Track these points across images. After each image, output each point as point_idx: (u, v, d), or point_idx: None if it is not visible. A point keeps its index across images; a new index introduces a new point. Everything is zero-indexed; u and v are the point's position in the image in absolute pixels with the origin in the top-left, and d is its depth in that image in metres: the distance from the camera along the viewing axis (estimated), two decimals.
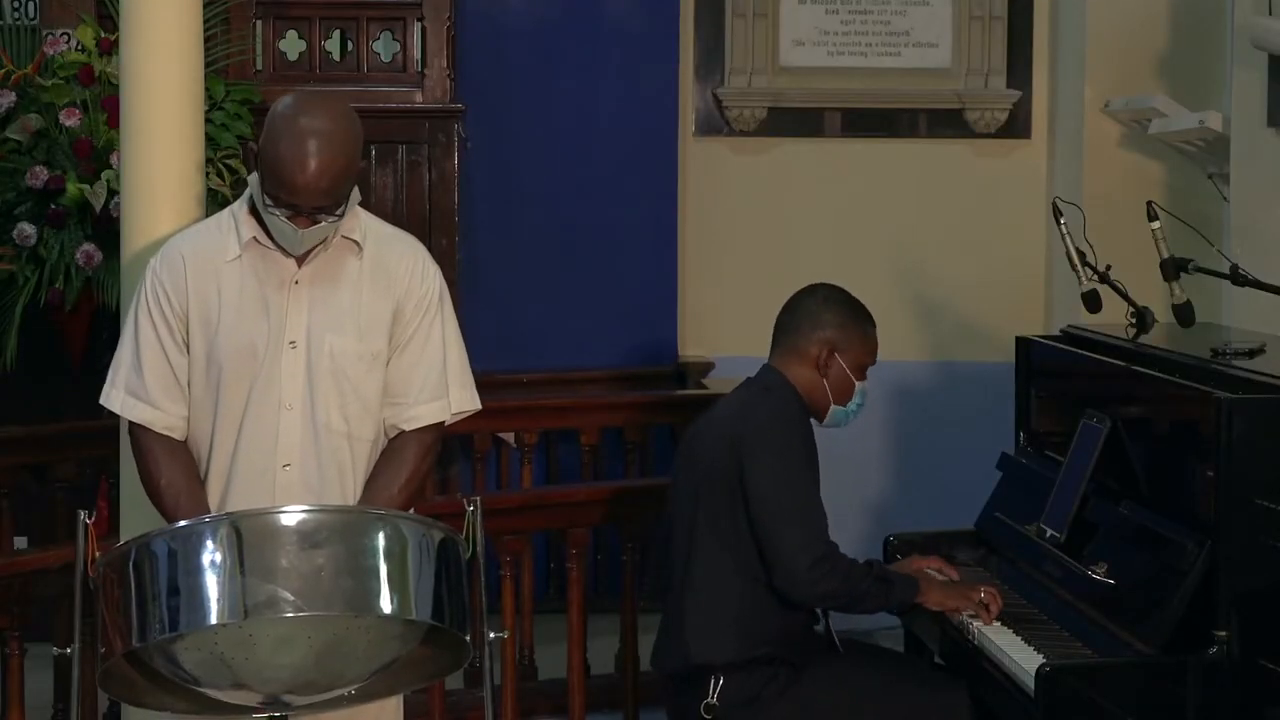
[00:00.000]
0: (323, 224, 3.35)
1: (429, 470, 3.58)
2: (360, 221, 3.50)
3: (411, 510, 3.44)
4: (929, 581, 4.05)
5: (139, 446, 3.50)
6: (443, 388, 3.53)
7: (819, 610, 4.05)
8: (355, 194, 3.44)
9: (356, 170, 3.40)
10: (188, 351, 3.46)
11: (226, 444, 3.45)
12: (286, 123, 3.32)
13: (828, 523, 3.91)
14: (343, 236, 3.46)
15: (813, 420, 4.06)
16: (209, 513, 3.39)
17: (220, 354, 3.43)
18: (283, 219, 3.34)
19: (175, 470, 3.45)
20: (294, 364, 3.43)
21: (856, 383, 4.07)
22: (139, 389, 3.46)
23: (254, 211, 3.44)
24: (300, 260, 3.44)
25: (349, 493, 3.47)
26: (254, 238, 3.44)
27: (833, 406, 4.07)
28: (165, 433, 3.47)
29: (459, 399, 3.56)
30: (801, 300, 4.13)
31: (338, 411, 3.45)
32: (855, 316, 4.10)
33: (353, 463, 3.48)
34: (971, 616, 3.95)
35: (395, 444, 3.52)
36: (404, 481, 3.48)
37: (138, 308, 3.50)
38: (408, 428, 3.52)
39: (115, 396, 3.49)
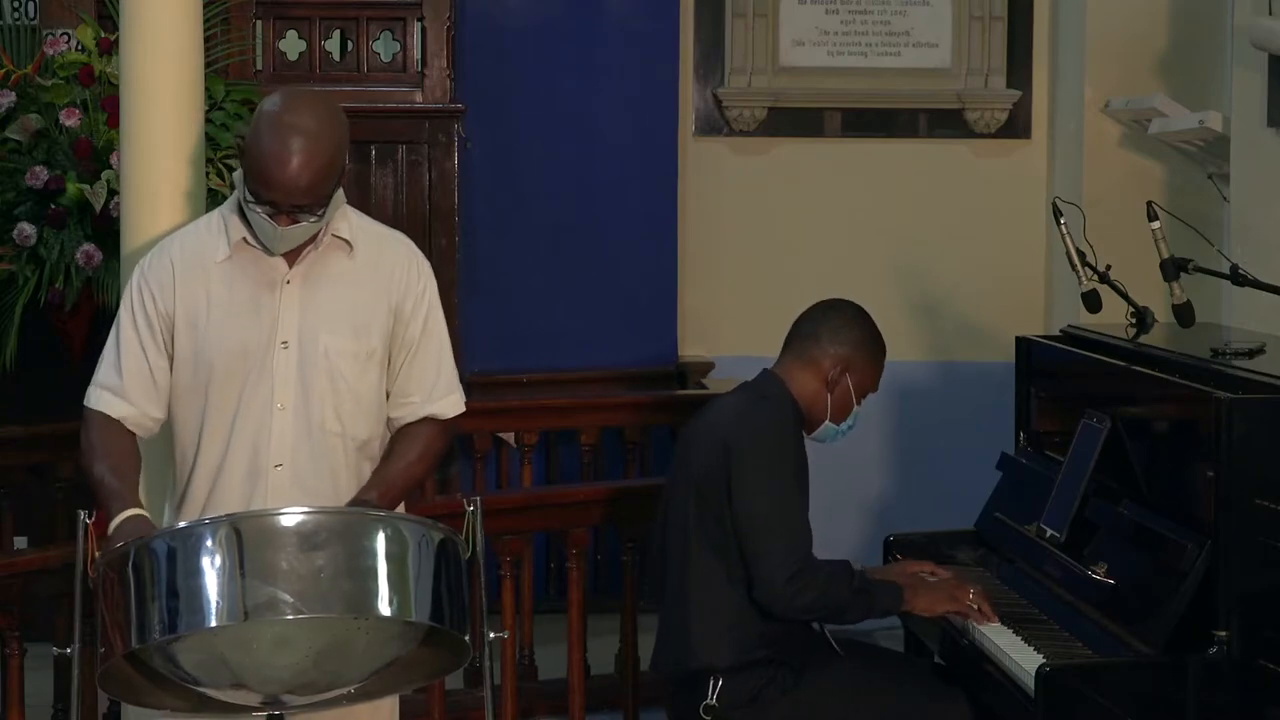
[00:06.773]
0: (303, 224, 3.34)
1: (441, 452, 3.58)
2: (350, 220, 3.49)
3: (418, 491, 3.45)
4: (915, 588, 4.01)
5: (85, 438, 3.43)
6: (455, 381, 3.55)
7: None
8: (340, 195, 3.43)
9: (340, 170, 3.39)
10: (171, 354, 3.45)
11: (217, 444, 3.44)
12: (271, 119, 3.31)
13: (811, 537, 3.89)
14: (333, 235, 3.46)
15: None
16: (131, 506, 3.31)
17: (210, 355, 3.42)
18: (263, 216, 3.33)
19: (104, 466, 3.37)
20: (286, 364, 3.42)
21: (855, 405, 4.07)
22: (116, 386, 3.45)
23: (242, 211, 3.42)
24: (291, 260, 3.44)
25: (341, 493, 3.45)
26: (243, 238, 3.43)
27: (827, 423, 4.07)
28: (134, 429, 3.46)
29: None
30: (826, 313, 4.10)
31: (332, 411, 3.44)
32: (874, 342, 4.09)
33: (345, 463, 3.47)
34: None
35: (408, 427, 3.51)
36: (419, 454, 3.48)
37: (123, 307, 3.50)
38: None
39: (92, 393, 3.47)
